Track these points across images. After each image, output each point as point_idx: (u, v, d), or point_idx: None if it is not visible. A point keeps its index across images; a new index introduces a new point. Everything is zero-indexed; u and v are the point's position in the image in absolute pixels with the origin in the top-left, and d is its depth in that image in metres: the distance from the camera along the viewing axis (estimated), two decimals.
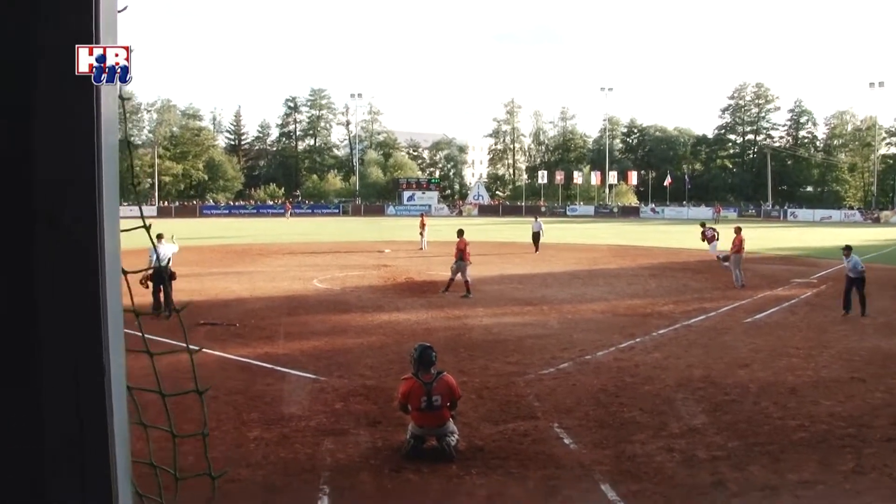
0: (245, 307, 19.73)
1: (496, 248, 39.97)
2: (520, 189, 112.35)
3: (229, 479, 7.82)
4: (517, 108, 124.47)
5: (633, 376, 12.27)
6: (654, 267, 30.21)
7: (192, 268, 29.38)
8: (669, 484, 7.67)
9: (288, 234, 49.11)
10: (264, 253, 37.06)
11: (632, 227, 64.81)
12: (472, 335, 16.06)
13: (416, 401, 8.59)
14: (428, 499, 7.39)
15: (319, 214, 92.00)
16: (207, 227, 63.08)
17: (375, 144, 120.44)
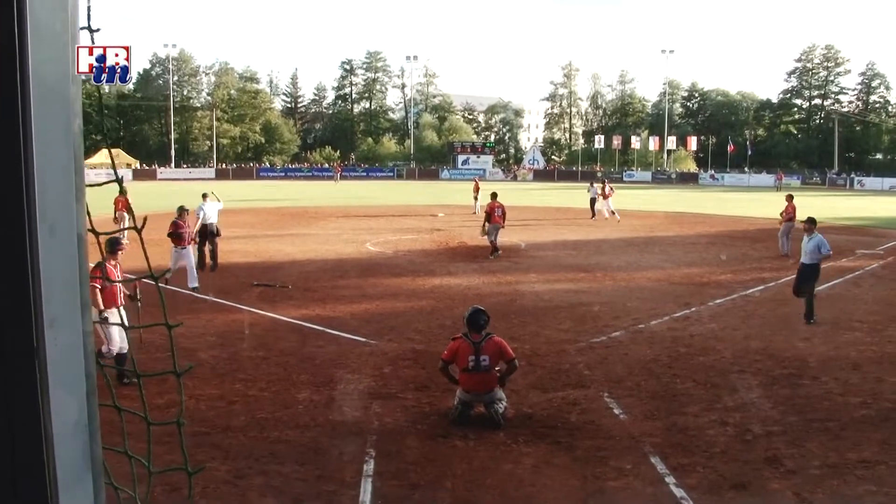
0: (298, 269, 19.87)
1: (551, 214, 39.60)
2: (576, 154, 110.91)
3: (276, 440, 7.89)
4: (575, 70, 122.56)
5: (687, 347, 12.02)
6: (712, 235, 29.57)
7: (247, 230, 29.79)
8: (722, 458, 7.47)
9: (342, 197, 49.33)
10: (318, 216, 37.29)
11: (690, 193, 63.49)
12: (524, 301, 15.93)
13: (464, 360, 8.50)
14: (473, 466, 7.32)
15: (374, 178, 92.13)
16: (263, 190, 63.78)
17: (430, 108, 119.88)
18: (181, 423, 1.97)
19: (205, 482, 6.85)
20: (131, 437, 2.07)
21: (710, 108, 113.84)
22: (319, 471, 7.16)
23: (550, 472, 7.17)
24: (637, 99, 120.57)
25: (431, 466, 7.31)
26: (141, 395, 1.96)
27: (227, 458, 7.39)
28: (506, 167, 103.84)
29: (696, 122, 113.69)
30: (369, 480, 6.95)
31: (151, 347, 11.61)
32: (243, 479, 6.96)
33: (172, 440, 6.33)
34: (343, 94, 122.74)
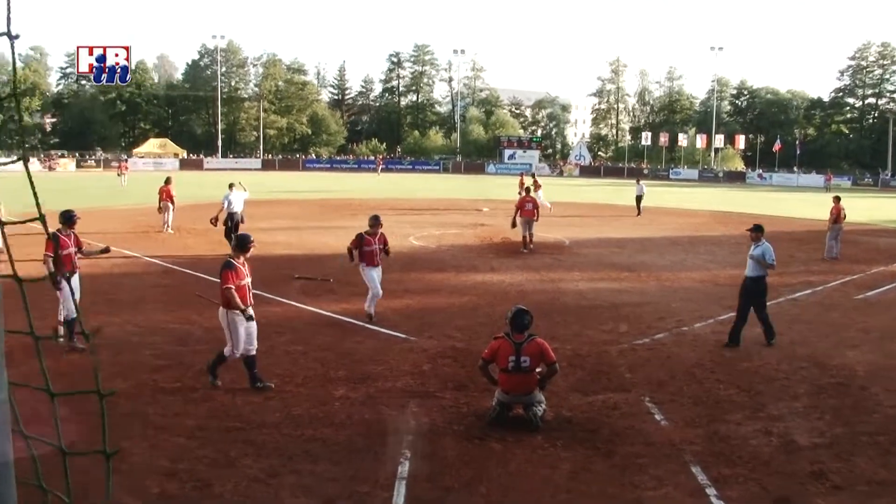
0: (340, 263, 19.75)
1: (596, 210, 39.15)
2: (622, 150, 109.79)
3: (310, 439, 7.82)
4: (622, 66, 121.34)
5: (731, 351, 11.69)
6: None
7: (291, 221, 29.97)
8: (765, 470, 7.19)
9: (386, 190, 49.36)
10: (363, 208, 37.26)
11: (737, 193, 62.31)
12: (567, 300, 15.70)
13: (504, 360, 8.33)
14: (509, 470, 7.16)
15: (420, 171, 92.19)
16: (308, 181, 64.20)
17: (477, 101, 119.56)
18: (108, 455, 2.02)
19: (236, 479, 6.79)
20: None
21: (759, 107, 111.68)
22: (353, 471, 7.05)
23: (588, 479, 6.97)
24: (685, 96, 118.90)
25: (466, 469, 7.17)
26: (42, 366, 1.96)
27: (259, 455, 7.32)
28: (552, 162, 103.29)
29: (744, 120, 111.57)
30: (403, 483, 6.82)
31: (190, 340, 11.68)
32: (276, 477, 6.89)
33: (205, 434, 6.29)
34: (390, 86, 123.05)
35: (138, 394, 9.13)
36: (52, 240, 10.83)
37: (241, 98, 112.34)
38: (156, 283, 16.59)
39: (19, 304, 1.94)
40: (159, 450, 7.46)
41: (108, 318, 13.01)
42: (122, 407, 8.66)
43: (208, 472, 6.96)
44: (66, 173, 78.16)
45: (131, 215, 30.59)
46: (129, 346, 11.24)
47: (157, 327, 12.52)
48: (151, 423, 8.19)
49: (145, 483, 6.70)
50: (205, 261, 19.47)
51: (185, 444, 7.62)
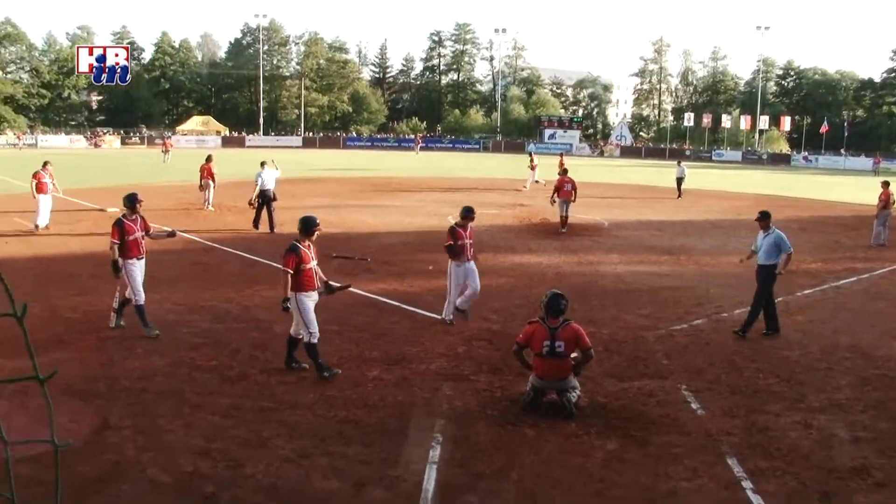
0: (378, 242, 19.86)
1: (636, 192, 38.67)
2: (664, 131, 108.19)
3: (343, 420, 7.81)
4: (665, 46, 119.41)
5: (772, 339, 11.43)
6: (804, 220, 28.27)
7: (330, 199, 30.04)
8: (804, 464, 7.00)
9: (426, 169, 49.23)
10: (402, 187, 37.32)
11: (781, 175, 61.13)
12: (604, 283, 15.51)
13: (539, 345, 8.22)
14: (542, 457, 7.07)
15: (460, 149, 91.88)
16: (348, 159, 64.35)
17: (518, 81, 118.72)
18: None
19: (269, 460, 6.81)
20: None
21: (805, 87, 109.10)
22: (384, 454, 7.03)
23: (621, 468, 6.86)
24: (729, 76, 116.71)
25: (499, 455, 7.10)
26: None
27: (292, 436, 7.33)
28: (592, 143, 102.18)
29: (790, 101, 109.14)
30: (434, 467, 6.78)
31: (228, 318, 11.76)
32: (307, 458, 6.89)
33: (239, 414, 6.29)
34: (431, 65, 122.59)
35: (174, 371, 9.22)
36: (117, 226, 10.76)
37: (282, 76, 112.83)
38: (195, 261, 16.72)
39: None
40: (194, 428, 7.51)
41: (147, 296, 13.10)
42: (158, 384, 8.77)
43: (241, 451, 6.98)
44: (111, 150, 79.34)
45: (173, 192, 30.89)
46: (167, 323, 11.34)
47: (196, 305, 12.62)
48: (187, 401, 8.25)
49: (179, 461, 6.75)
50: (245, 238, 19.63)
51: (219, 422, 7.66)
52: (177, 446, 7.07)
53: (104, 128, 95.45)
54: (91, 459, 6.76)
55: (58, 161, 21.79)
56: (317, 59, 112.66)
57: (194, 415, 7.85)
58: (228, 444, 7.13)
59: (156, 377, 9.01)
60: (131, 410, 7.94)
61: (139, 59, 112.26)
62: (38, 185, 20.30)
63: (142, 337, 10.65)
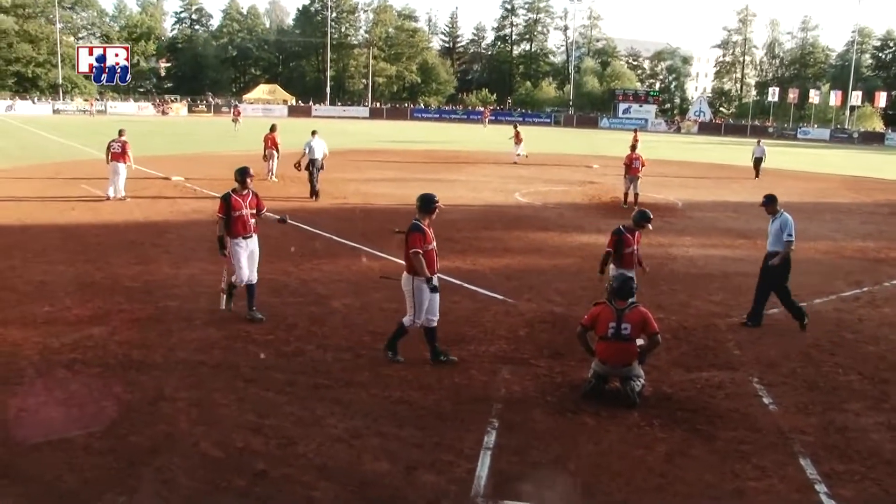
0: (442, 217, 19.39)
1: (713, 171, 37.78)
2: (746, 106, 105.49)
3: (398, 401, 7.81)
4: (751, 16, 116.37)
5: (854, 332, 11.00)
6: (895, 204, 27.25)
7: (396, 172, 30.21)
8: (886, 469, 6.70)
9: (495, 143, 48.93)
10: (469, 160, 37.24)
11: (873, 156, 58.93)
12: (675, 266, 15.21)
13: (604, 327, 8.07)
14: (601, 447, 6.95)
15: (530, 123, 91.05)
16: (415, 131, 64.48)
17: (593, 52, 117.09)
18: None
19: (321, 439, 6.85)
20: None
21: None
22: (438, 438, 7.00)
23: (684, 464, 6.70)
24: (820, 48, 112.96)
25: (556, 444, 7.01)
26: None
27: (345, 416, 7.36)
28: (669, 118, 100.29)
29: (887, 75, 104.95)
30: (489, 454, 6.73)
31: (285, 292, 11.89)
32: (359, 438, 6.91)
33: (294, 390, 6.35)
34: (503, 34, 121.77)
35: (231, 345, 9.35)
36: (223, 200, 10.41)
37: (350, 45, 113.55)
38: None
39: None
40: (247, 402, 7.61)
41: (207, 266, 13.36)
42: (214, 357, 8.92)
43: (293, 429, 7.04)
44: (178, 118, 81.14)
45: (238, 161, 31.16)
46: None
47: None
48: (241, 375, 8.36)
49: (231, 436, 6.85)
50: (308, 211, 19.82)
51: (273, 398, 7.74)
52: (230, 421, 7.18)
53: (172, 95, 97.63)
54: (144, 430, 6.92)
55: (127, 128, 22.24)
56: (385, 28, 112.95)
57: (248, 389, 7.95)
58: (281, 421, 7.20)
59: (213, 350, 9.17)
60: (186, 382, 8.09)
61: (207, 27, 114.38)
62: (111, 154, 20.68)
63: (200, 308, 10.83)
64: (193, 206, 20.24)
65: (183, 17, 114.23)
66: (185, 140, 46.51)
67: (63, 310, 10.60)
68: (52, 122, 61.53)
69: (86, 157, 31.41)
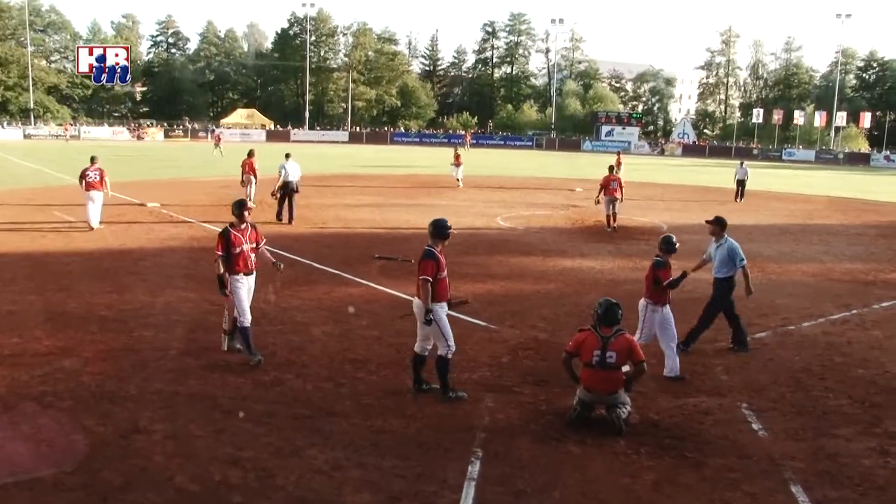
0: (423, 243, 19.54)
1: (698, 194, 38.09)
2: (731, 128, 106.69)
3: (379, 430, 7.77)
4: (734, 37, 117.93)
5: (844, 356, 11.06)
6: (884, 226, 27.55)
7: (375, 197, 30.22)
8: (878, 497, 6.72)
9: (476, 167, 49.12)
10: (450, 185, 37.31)
11: (859, 176, 59.66)
12: None
13: (589, 354, 8.07)
14: (587, 476, 6.93)
15: (512, 146, 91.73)
16: (396, 155, 64.63)
17: (575, 74, 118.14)
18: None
19: (300, 471, 6.79)
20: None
21: (889, 80, 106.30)
22: (421, 468, 6.96)
23: (672, 492, 6.68)
24: (803, 69, 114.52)
25: (541, 473, 6.98)
26: None
27: (325, 446, 7.30)
28: (652, 140, 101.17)
29: (871, 95, 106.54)
30: (472, 484, 6.69)
31: (264, 320, 11.81)
32: (340, 470, 6.85)
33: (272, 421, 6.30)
34: (483, 57, 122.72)
35: (207, 375, 9.27)
36: (222, 236, 9.88)
37: (330, 68, 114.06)
38: None
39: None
40: (225, 434, 7.54)
41: (183, 294, 13.33)
42: (190, 387, 8.84)
43: (272, 461, 6.98)
44: (155, 143, 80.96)
45: (214, 188, 31.36)
46: (204, 324, 11.46)
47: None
48: (219, 406, 8.29)
49: (208, 469, 6.78)
50: (286, 237, 19.76)
51: (251, 429, 7.67)
52: (206, 453, 7.10)
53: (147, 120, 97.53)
54: (118, 464, 6.83)
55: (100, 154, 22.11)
56: (365, 51, 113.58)
57: (226, 420, 7.88)
58: (260, 453, 7.14)
59: (189, 380, 9.09)
60: (161, 414, 8.01)
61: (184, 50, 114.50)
62: (85, 183, 20.16)
63: (176, 337, 10.76)
64: (170, 233, 20.15)
65: (159, 41, 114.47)
66: (161, 165, 46.40)
67: (33, 341, 10.48)
68: (24, 147, 61.32)
69: (58, 184, 31.25)
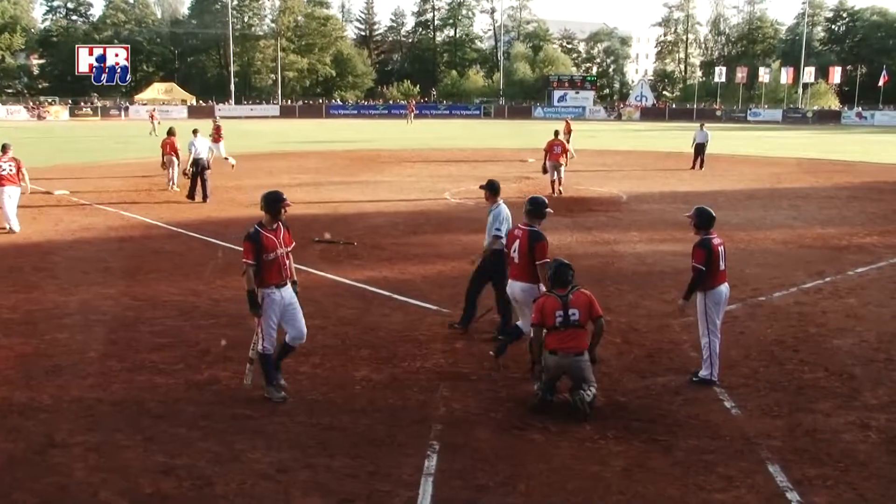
0: (366, 223, 19.83)
1: (659, 161, 38.65)
2: (691, 88, 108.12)
3: (327, 427, 7.77)
4: None
5: (818, 326, 11.37)
6: (857, 188, 28.28)
7: (312, 175, 30.06)
8: (861, 472, 6.92)
9: (420, 139, 49.23)
10: (393, 160, 37.31)
11: (830, 136, 61.00)
12: (623, 264, 15.48)
13: (551, 317, 8.18)
14: (553, 466, 7.01)
15: (458, 116, 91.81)
16: (332, 130, 64.27)
17: (523, 36, 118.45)
18: None
19: (242, 476, 6.75)
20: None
21: (860, 32, 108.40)
22: (374, 466, 6.98)
23: (644, 478, 6.81)
24: (768, 22, 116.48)
25: (503, 464, 7.06)
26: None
27: (269, 448, 7.28)
28: (609, 104, 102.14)
29: (841, 48, 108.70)
30: (430, 480, 6.73)
31: (196, 313, 11.72)
32: (286, 473, 6.84)
33: (209, 424, 6.26)
34: (424, 20, 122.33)
35: (133, 378, 9.14)
36: (251, 241, 8.46)
37: (255, 36, 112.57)
38: (158, 249, 16.67)
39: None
40: (155, 442, 7.44)
41: (102, 290, 13.12)
42: (114, 393, 8.70)
43: (210, 468, 6.93)
44: (58, 123, 79.21)
45: (132, 171, 30.86)
46: (126, 321, 11.30)
47: (158, 300, 12.55)
48: (147, 411, 8.18)
49: (138, 481, 6.69)
50: (216, 223, 19.57)
51: (185, 435, 7.60)
52: (135, 464, 7.01)
53: (48, 97, 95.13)
54: (32, 484, 6.65)
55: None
56: (294, 16, 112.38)
57: (156, 427, 7.79)
58: (196, 460, 7.08)
59: (112, 385, 8.94)
60: (82, 425, 7.86)
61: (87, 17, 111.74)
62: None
63: (95, 338, 10.59)
64: (82, 223, 19.77)
65: (56, 6, 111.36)
66: (69, 148, 45.42)
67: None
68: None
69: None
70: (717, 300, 9.16)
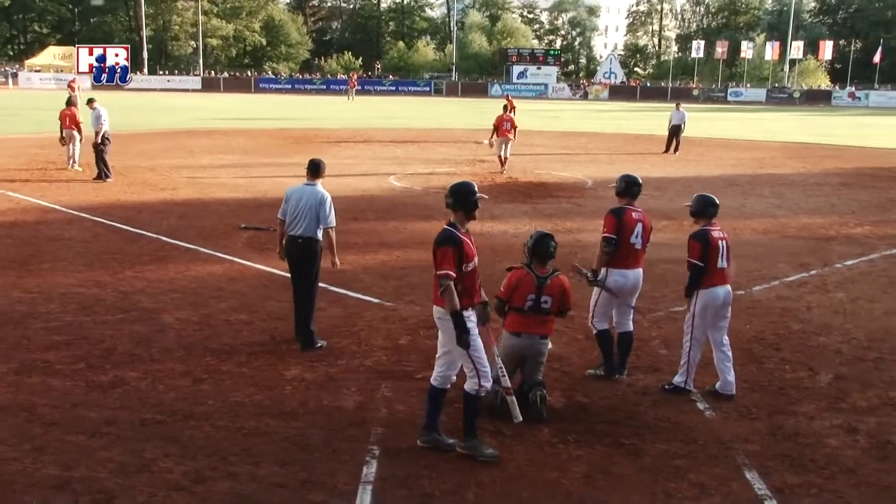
0: None
1: (629, 143, 39.06)
2: (666, 65, 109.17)
3: (252, 432, 7.72)
4: None
5: (802, 322, 11.60)
6: (847, 173, 28.84)
7: (239, 156, 29.91)
8: (847, 479, 7.06)
9: (362, 118, 49.14)
10: (331, 140, 37.20)
11: (819, 118, 62.11)
12: (587, 255, 15.47)
13: (522, 299, 8.25)
14: (507, 472, 7.03)
15: (405, 93, 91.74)
16: (262, 106, 63.81)
17: (479, 3, 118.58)
18: None
19: (151, 489, 6.67)
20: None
21: (855, 2, 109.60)
22: (306, 474, 6.95)
23: (607, 485, 6.88)
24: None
25: (451, 471, 7.07)
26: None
27: (184, 456, 7.20)
28: (574, 82, 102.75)
29: (833, 21, 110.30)
30: (369, 489, 6.73)
31: (100, 307, 11.56)
32: (203, 483, 6.77)
33: (113, 431, 6.16)
34: None
35: (22, 381, 8.96)
36: (453, 245, 7.36)
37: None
38: (55, 236, 16.40)
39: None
40: (47, 453, 7.29)
41: None
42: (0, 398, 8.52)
43: (113, 480, 6.82)
44: None
45: (23, 147, 30.33)
46: (14, 316, 11.10)
47: (55, 292, 12.36)
48: (38, 417, 8.02)
49: (23, 498, 6.56)
50: (124, 206, 19.34)
51: (84, 444, 7.47)
52: (23, 479, 6.86)
53: None
54: None
55: None
56: None
57: (48, 435, 7.64)
58: (96, 472, 6.96)
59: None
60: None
61: None
62: None
63: None
64: None
65: None
66: None
67: None
68: None
69: None
70: (709, 303, 8.84)
